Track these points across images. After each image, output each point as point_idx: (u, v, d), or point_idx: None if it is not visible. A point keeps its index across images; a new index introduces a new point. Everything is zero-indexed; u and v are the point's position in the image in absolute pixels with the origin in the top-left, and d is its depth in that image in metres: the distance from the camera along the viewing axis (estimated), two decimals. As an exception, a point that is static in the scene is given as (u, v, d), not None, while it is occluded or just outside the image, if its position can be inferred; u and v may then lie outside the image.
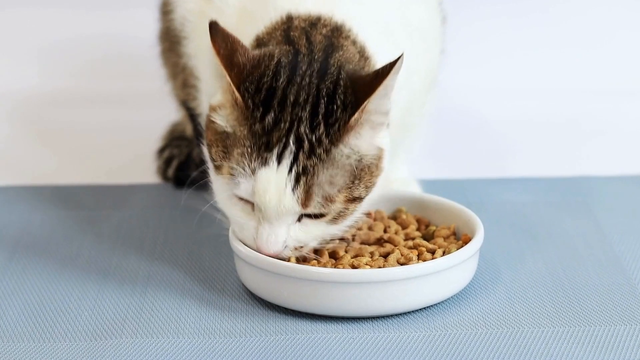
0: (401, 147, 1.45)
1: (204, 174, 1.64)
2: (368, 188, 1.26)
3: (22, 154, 1.82)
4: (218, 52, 1.24)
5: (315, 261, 1.31)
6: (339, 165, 1.23)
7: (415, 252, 1.33)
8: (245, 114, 1.23)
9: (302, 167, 1.22)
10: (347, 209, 1.25)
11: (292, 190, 1.22)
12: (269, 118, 1.23)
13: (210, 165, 1.29)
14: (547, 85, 2.05)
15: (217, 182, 1.28)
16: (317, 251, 1.36)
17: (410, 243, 1.35)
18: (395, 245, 1.35)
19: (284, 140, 1.22)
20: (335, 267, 1.30)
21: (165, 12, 1.56)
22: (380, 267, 1.30)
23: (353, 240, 1.38)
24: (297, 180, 1.22)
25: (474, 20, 2.13)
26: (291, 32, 1.29)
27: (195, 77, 1.48)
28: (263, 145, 1.22)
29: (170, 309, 1.31)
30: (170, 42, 1.55)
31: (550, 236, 1.49)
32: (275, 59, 1.26)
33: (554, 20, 2.18)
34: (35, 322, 1.29)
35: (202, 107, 1.50)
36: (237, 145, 1.23)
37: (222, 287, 1.36)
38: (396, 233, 1.38)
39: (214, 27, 1.24)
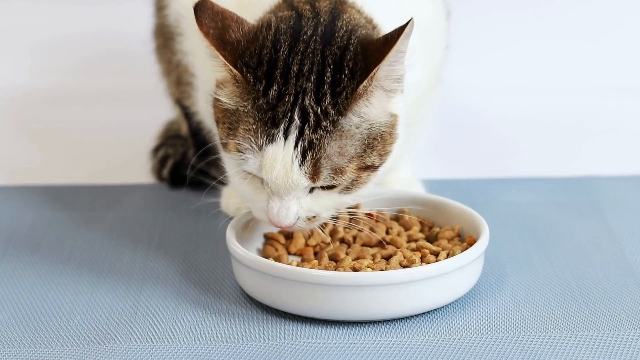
0: (405, 145, 1.45)
1: (200, 174, 1.65)
2: (382, 156, 1.26)
3: (12, 153, 1.82)
4: (207, 34, 1.23)
5: (315, 263, 1.31)
6: (348, 135, 1.23)
7: (419, 254, 1.32)
8: (247, 89, 1.24)
9: (309, 142, 1.22)
10: (360, 177, 1.25)
11: (300, 165, 1.22)
12: (273, 91, 1.23)
13: (218, 143, 1.29)
14: (554, 84, 2.05)
15: (226, 159, 1.28)
16: (316, 254, 1.36)
17: (413, 245, 1.35)
18: (398, 248, 1.35)
19: (289, 114, 1.22)
20: (336, 270, 1.30)
21: (160, 7, 1.56)
22: (382, 270, 1.29)
23: (354, 242, 1.38)
24: (303, 155, 1.22)
25: (480, 17, 2.13)
26: (294, 3, 1.29)
27: (190, 75, 1.48)
28: (269, 121, 1.23)
29: (165, 313, 1.31)
30: (165, 38, 1.54)
31: (557, 238, 1.48)
32: (273, 28, 1.26)
33: (562, 17, 2.18)
34: (25, 327, 1.28)
35: (198, 105, 1.50)
36: (242, 122, 1.24)
37: (219, 290, 1.36)
38: (399, 235, 1.38)
39: (200, 7, 1.23)
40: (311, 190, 1.26)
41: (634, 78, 2.06)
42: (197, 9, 1.24)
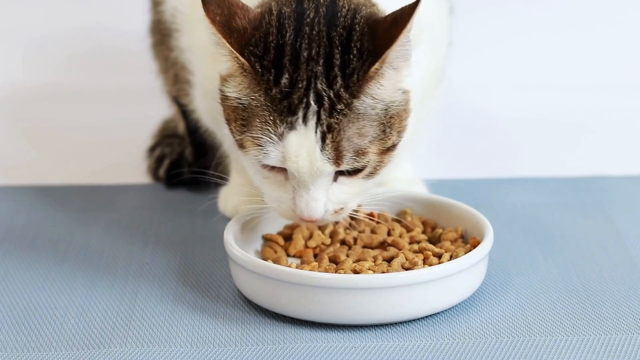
0: (407, 144, 1.45)
1: (197, 174, 1.65)
2: (400, 133, 1.27)
3: (4, 152, 1.82)
4: (213, 21, 1.23)
5: (315, 265, 1.31)
6: (365, 116, 1.24)
7: (421, 256, 1.32)
8: (256, 79, 1.23)
9: (327, 125, 1.22)
10: (383, 159, 1.26)
11: (321, 150, 1.23)
12: (284, 79, 1.23)
13: (233, 144, 1.29)
14: (559, 82, 2.05)
15: (244, 159, 1.28)
16: (316, 256, 1.36)
17: (415, 247, 1.35)
18: (400, 249, 1.35)
19: (304, 100, 1.22)
20: (336, 272, 1.29)
21: (156, 3, 1.56)
22: (383, 272, 1.29)
23: (355, 243, 1.37)
24: (323, 139, 1.23)
25: (482, 13, 2.12)
26: None
27: (187, 72, 1.48)
28: (285, 109, 1.22)
29: (162, 316, 1.31)
30: (161, 35, 1.54)
31: (563, 239, 1.48)
32: (275, 12, 1.25)
33: (569, 12, 2.17)
34: (18, 330, 1.28)
35: (195, 103, 1.50)
36: (257, 115, 1.23)
37: (216, 293, 1.36)
38: (400, 236, 1.38)
39: (205, 2, 1.23)
40: (335, 178, 1.26)
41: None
42: (205, 2, 1.23)
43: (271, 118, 1.23)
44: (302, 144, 1.23)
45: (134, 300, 1.34)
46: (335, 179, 1.26)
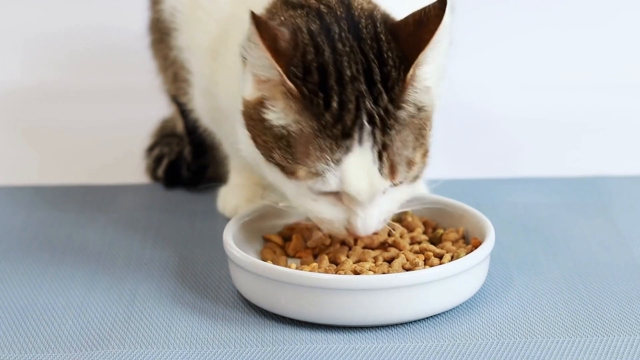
0: None
1: (196, 174, 1.65)
2: (430, 132, 1.28)
3: (3, 152, 1.82)
4: (268, 47, 1.20)
5: (315, 265, 1.30)
6: (408, 125, 1.24)
7: (422, 257, 1.32)
8: (304, 104, 1.22)
9: (382, 144, 1.22)
10: (424, 163, 1.27)
11: (379, 169, 1.23)
12: (334, 103, 1.22)
13: (272, 167, 1.26)
14: (561, 81, 2.05)
15: (290, 184, 1.26)
16: (316, 256, 1.36)
17: (416, 247, 1.35)
18: (400, 250, 1.35)
19: (358, 121, 1.21)
20: (336, 273, 1.29)
21: (155, 1, 1.56)
22: (384, 273, 1.29)
23: (355, 244, 1.37)
24: (380, 158, 1.23)
25: (482, 11, 2.12)
26: (292, 0, 1.28)
27: (186, 71, 1.48)
28: (340, 134, 1.21)
29: (160, 317, 1.31)
30: (160, 33, 1.54)
31: (565, 240, 1.48)
32: (305, 29, 1.24)
33: (569, 11, 2.17)
34: (15, 332, 1.28)
35: (194, 102, 1.50)
36: (310, 142, 1.22)
37: (215, 293, 1.36)
38: (401, 237, 1.38)
39: (256, 18, 1.20)
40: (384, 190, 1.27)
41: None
42: (254, 19, 1.19)
43: (326, 144, 1.22)
44: (360, 165, 1.22)
45: (133, 301, 1.34)
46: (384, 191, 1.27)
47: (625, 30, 2.16)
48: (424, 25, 1.22)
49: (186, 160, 1.66)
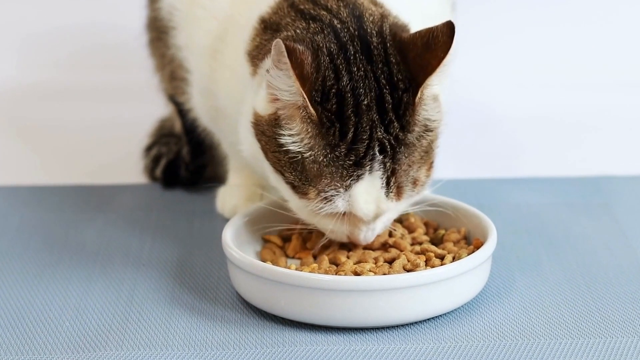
0: None
1: (194, 174, 1.65)
2: (437, 141, 1.29)
3: (-2, 152, 1.82)
4: (295, 72, 1.20)
5: (315, 266, 1.30)
6: (417, 146, 1.26)
7: (423, 257, 1.32)
8: (321, 132, 1.23)
9: (391, 170, 1.25)
10: (429, 175, 1.29)
11: (386, 193, 1.25)
12: (350, 133, 1.23)
13: (279, 179, 1.28)
14: (564, 80, 2.05)
15: (298, 203, 1.28)
16: (316, 257, 1.36)
17: (417, 248, 1.35)
18: (401, 251, 1.35)
19: (370, 152, 1.24)
20: (336, 274, 1.29)
21: (152, -1, 1.56)
22: (384, 274, 1.29)
23: (355, 245, 1.37)
24: (388, 183, 1.25)
25: (484, 9, 2.12)
26: (299, 5, 1.28)
27: (184, 70, 1.48)
28: (352, 164, 1.24)
29: (159, 319, 1.31)
30: (158, 31, 1.54)
31: (568, 240, 1.48)
32: (326, 52, 1.24)
33: (572, 12, 2.17)
34: (12, 333, 1.28)
35: (193, 101, 1.50)
36: (323, 170, 1.24)
37: (214, 295, 1.36)
38: (402, 237, 1.38)
39: (289, 48, 1.19)
40: None
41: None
42: (287, 49, 1.19)
43: (338, 173, 1.24)
44: (369, 191, 1.25)
45: (130, 303, 1.34)
46: None
47: (630, 28, 2.16)
48: (432, 50, 1.23)
49: (184, 160, 1.65)
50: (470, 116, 1.90)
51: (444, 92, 1.44)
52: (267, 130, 1.26)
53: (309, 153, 1.24)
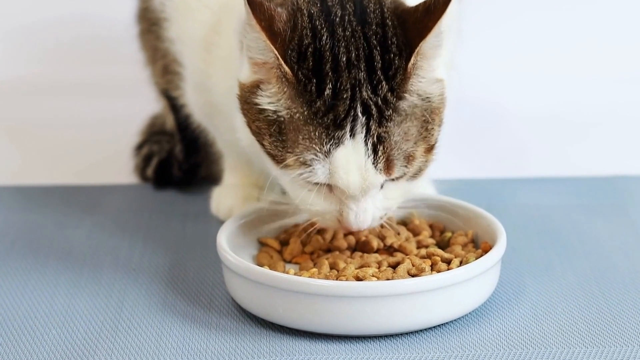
0: None
1: (187, 174, 1.65)
2: (440, 126, 1.28)
3: (-20, 151, 1.83)
4: (262, 27, 1.21)
5: (314, 271, 1.31)
6: (410, 117, 1.25)
7: (429, 262, 1.33)
8: (298, 90, 1.23)
9: (377, 136, 1.23)
10: (427, 160, 1.27)
11: (373, 163, 1.23)
12: (327, 90, 1.22)
13: (263, 155, 1.28)
14: (576, 76, 2.05)
15: (282, 174, 1.27)
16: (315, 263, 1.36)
17: (422, 252, 1.35)
18: (406, 255, 1.35)
19: (352, 112, 1.22)
20: (337, 279, 1.30)
21: (143, -11, 1.57)
22: (388, 279, 1.29)
23: (355, 249, 1.38)
24: (375, 151, 1.23)
25: (493, 8, 2.13)
26: None
27: (178, 64, 1.48)
28: (331, 123, 1.22)
29: (150, 327, 1.31)
30: (149, 23, 1.54)
31: (581, 243, 1.49)
32: (306, 13, 1.25)
33: (584, 7, 2.18)
34: (-4, 342, 1.29)
35: (186, 97, 1.50)
36: (299, 129, 1.23)
37: (208, 301, 1.36)
38: (407, 240, 1.38)
39: (253, 3, 1.21)
40: (381, 185, 1.27)
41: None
42: (250, 2, 1.21)
43: (316, 134, 1.23)
44: (351, 159, 1.23)
45: (120, 309, 1.34)
46: (381, 186, 1.27)
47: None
48: (430, 13, 1.23)
49: (177, 159, 1.66)
50: (478, 113, 1.90)
51: (450, 84, 1.45)
52: (249, 97, 1.26)
53: (286, 112, 1.23)
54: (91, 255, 1.47)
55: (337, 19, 1.25)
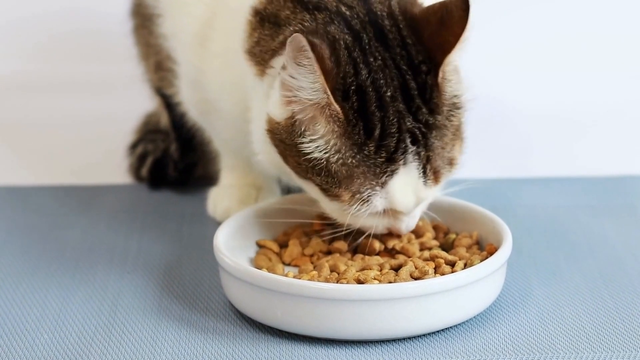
0: None
1: (183, 174, 1.65)
2: (463, 111, 1.31)
3: (-30, 150, 1.83)
4: (321, 68, 1.21)
5: (314, 274, 1.31)
6: (448, 126, 1.28)
7: (432, 264, 1.33)
8: (347, 130, 1.24)
9: (426, 157, 1.26)
10: (461, 152, 1.31)
11: (424, 180, 1.27)
12: (377, 131, 1.25)
13: (309, 184, 1.29)
14: (584, 75, 2.05)
15: (332, 205, 1.29)
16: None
17: (426, 254, 1.35)
18: (409, 257, 1.35)
19: (402, 145, 1.25)
20: (338, 282, 1.30)
21: (137, -17, 1.57)
22: (390, 282, 1.29)
23: (355, 252, 1.38)
24: (424, 171, 1.27)
25: (497, 6, 2.13)
26: None
27: (172, 61, 1.48)
28: (385, 160, 1.25)
29: (145, 331, 1.31)
30: (142, 18, 1.54)
31: (589, 245, 1.49)
32: (343, 44, 1.25)
33: (591, 6, 2.18)
34: (-14, 347, 1.29)
35: (181, 95, 1.50)
36: (354, 172, 1.25)
37: (205, 305, 1.36)
38: (409, 242, 1.38)
39: (312, 42, 1.20)
40: None
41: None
42: (310, 44, 1.20)
43: (371, 172, 1.26)
44: (406, 183, 1.27)
45: (114, 313, 1.34)
46: None
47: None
48: (447, 27, 1.25)
49: (173, 158, 1.66)
50: (483, 111, 1.89)
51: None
52: (286, 138, 1.27)
53: (336, 156, 1.25)
54: (85, 257, 1.47)
55: (367, 47, 1.26)
